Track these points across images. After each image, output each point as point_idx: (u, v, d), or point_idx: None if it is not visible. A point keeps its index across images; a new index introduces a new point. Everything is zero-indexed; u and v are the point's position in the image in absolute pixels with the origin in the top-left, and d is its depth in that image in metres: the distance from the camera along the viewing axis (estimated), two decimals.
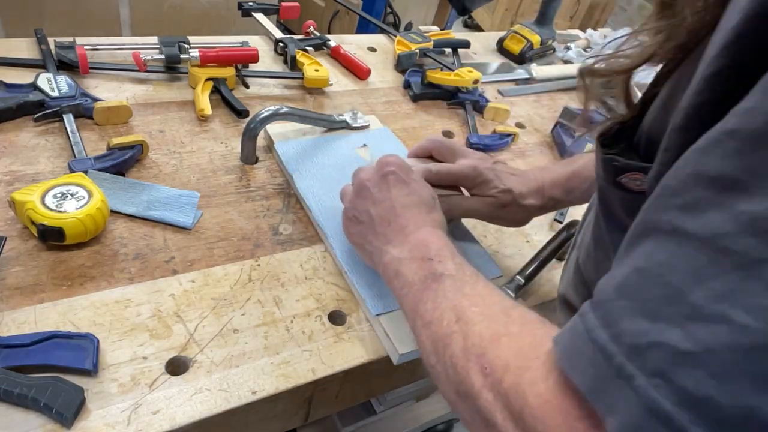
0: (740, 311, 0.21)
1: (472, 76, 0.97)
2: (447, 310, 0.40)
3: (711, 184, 0.23)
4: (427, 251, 0.47)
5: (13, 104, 0.68)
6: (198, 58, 0.82)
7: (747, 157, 0.22)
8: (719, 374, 0.21)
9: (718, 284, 0.22)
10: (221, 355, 0.51)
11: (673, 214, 0.25)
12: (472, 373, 0.35)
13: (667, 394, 0.22)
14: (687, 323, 0.22)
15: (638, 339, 0.24)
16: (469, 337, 0.37)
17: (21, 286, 0.52)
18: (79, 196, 0.56)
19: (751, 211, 0.21)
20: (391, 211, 0.52)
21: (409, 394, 0.85)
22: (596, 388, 0.26)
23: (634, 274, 0.26)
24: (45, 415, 0.44)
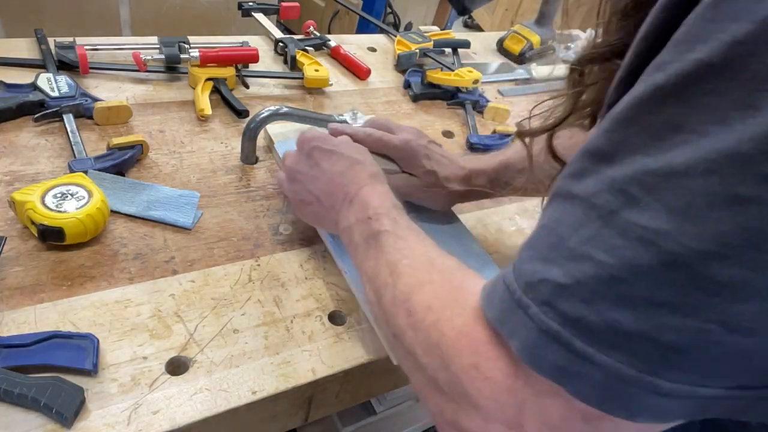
0: (600, 251, 0.27)
1: (472, 76, 0.97)
2: (383, 265, 0.45)
3: (590, 156, 0.29)
4: (366, 210, 0.50)
5: (13, 104, 0.68)
6: (198, 58, 0.81)
7: (613, 135, 0.28)
8: (588, 299, 0.27)
9: (586, 231, 0.28)
10: (221, 355, 0.51)
11: (566, 181, 0.30)
12: (399, 316, 0.40)
13: (553, 318, 0.28)
14: (565, 262, 0.28)
15: (532, 277, 0.30)
16: (398, 286, 0.42)
17: (21, 286, 0.52)
18: (79, 196, 0.56)
19: (612, 175, 0.27)
20: (329, 183, 0.55)
21: (409, 394, 0.85)
22: (502, 317, 0.31)
23: (538, 230, 0.32)
24: (45, 415, 0.44)
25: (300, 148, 0.58)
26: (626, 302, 0.26)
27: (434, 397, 0.36)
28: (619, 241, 0.26)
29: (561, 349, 0.27)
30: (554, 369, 0.28)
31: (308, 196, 0.57)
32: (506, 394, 0.31)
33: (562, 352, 0.27)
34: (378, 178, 0.55)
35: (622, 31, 0.35)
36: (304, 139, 0.58)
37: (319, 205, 0.56)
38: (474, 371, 0.33)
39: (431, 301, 0.39)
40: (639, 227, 0.25)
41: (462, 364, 0.33)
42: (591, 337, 0.27)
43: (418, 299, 0.40)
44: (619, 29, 0.36)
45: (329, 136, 0.59)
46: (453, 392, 0.34)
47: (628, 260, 0.25)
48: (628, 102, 0.27)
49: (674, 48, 0.26)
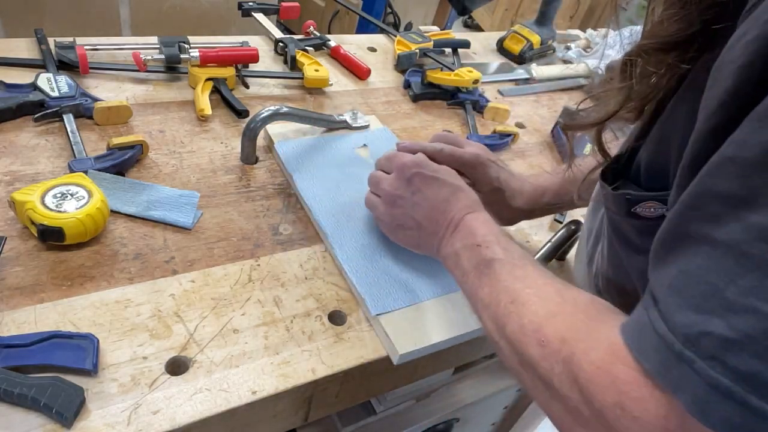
0: (765, 303, 0.26)
1: (472, 76, 0.98)
2: (501, 292, 0.45)
3: (723, 200, 0.29)
4: (475, 238, 0.50)
5: (13, 104, 0.68)
6: (198, 58, 0.81)
7: (747, 180, 0.28)
8: (759, 354, 0.26)
9: (745, 282, 0.27)
10: (221, 355, 0.51)
11: (699, 224, 0.30)
12: (530, 347, 0.39)
13: (724, 373, 0.27)
14: (726, 314, 0.28)
15: (690, 329, 0.29)
16: (525, 315, 0.41)
17: (21, 286, 0.52)
18: (79, 196, 0.56)
19: (760, 222, 0.27)
20: (433, 210, 0.55)
21: (409, 394, 0.85)
22: (662, 370, 0.31)
23: (680, 275, 0.31)
24: (45, 415, 0.44)
25: (399, 173, 0.58)
26: None
27: (575, 428, 0.36)
28: None
29: (735, 405, 0.27)
30: (728, 426, 0.28)
31: (409, 221, 0.57)
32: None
33: (737, 408, 0.27)
34: (480, 205, 0.55)
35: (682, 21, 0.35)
36: (404, 164, 0.57)
37: (419, 231, 0.56)
38: (619, 410, 0.32)
39: (565, 333, 0.38)
40: None
41: (605, 402, 0.33)
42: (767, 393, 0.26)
43: (551, 330, 0.39)
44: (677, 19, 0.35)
45: (428, 161, 0.58)
46: (598, 425, 0.34)
47: None
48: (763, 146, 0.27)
49: None
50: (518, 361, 0.41)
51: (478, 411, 0.98)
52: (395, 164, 0.58)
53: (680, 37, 0.35)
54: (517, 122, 1.02)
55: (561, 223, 0.78)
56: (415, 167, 0.57)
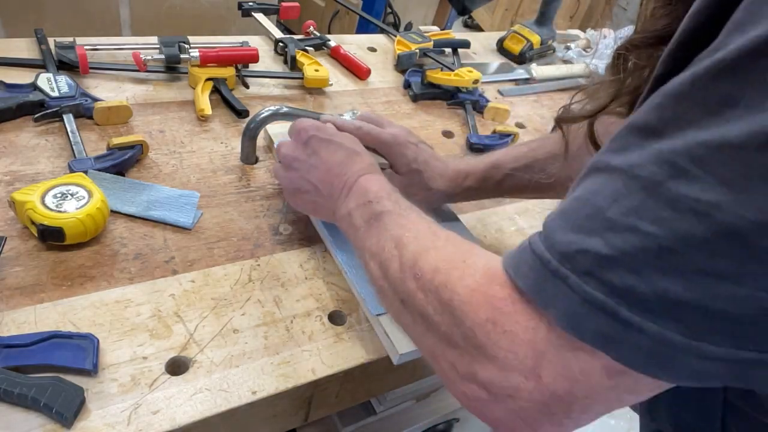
0: (646, 222, 0.27)
1: (472, 76, 0.97)
2: (387, 240, 0.46)
3: (636, 131, 0.29)
4: (367, 195, 0.51)
5: (13, 104, 0.68)
6: (198, 58, 0.81)
7: (665, 110, 0.28)
8: (636, 270, 0.27)
9: (628, 202, 0.28)
10: (221, 355, 0.51)
11: (608, 155, 0.31)
12: (407, 281, 0.41)
13: (599, 288, 0.28)
14: (605, 233, 0.28)
15: (568, 247, 0.30)
16: (404, 255, 0.43)
17: (21, 286, 0.52)
18: (79, 196, 0.56)
19: (659, 147, 0.27)
20: (328, 172, 0.55)
21: (409, 394, 0.85)
22: (535, 286, 0.32)
23: (571, 201, 0.32)
24: (45, 415, 0.44)
25: (297, 137, 0.59)
26: (677, 272, 0.26)
27: (447, 353, 0.37)
28: (667, 212, 0.26)
29: (607, 317, 0.28)
30: (599, 336, 0.29)
31: (305, 184, 0.57)
32: (525, 347, 0.32)
33: (609, 320, 0.28)
34: (375, 167, 0.56)
35: (669, 16, 0.35)
36: (300, 127, 0.58)
37: (316, 194, 0.56)
38: (490, 325, 0.34)
39: (438, 264, 0.40)
40: (690, 199, 0.26)
41: (477, 319, 0.34)
42: (639, 306, 0.27)
43: (425, 262, 0.41)
44: (665, 14, 0.36)
45: (324, 125, 0.59)
46: (468, 346, 0.35)
47: (679, 231, 0.26)
48: (683, 78, 0.27)
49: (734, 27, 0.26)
50: (399, 300, 0.43)
51: None
52: (294, 128, 0.59)
53: (669, 32, 0.35)
54: (517, 122, 1.02)
55: None
56: (312, 130, 0.57)
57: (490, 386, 0.34)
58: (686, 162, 0.26)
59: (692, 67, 0.27)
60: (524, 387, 0.32)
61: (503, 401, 0.34)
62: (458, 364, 0.36)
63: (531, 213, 0.81)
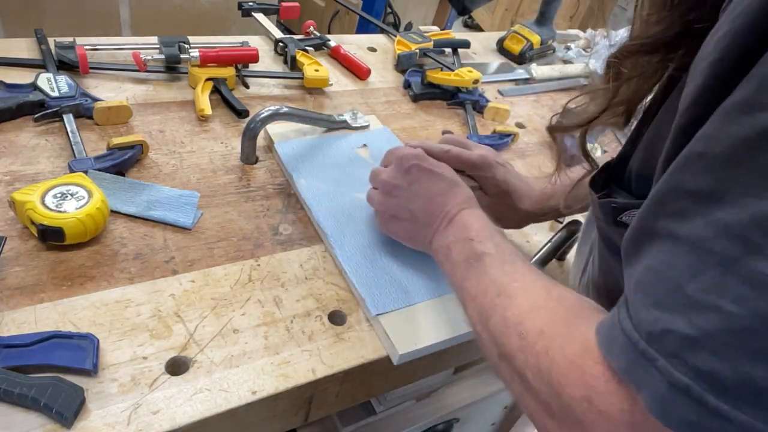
0: (727, 301, 0.26)
1: (472, 76, 0.98)
2: (489, 285, 0.45)
3: (691, 196, 0.29)
4: (468, 232, 0.51)
5: (13, 104, 0.68)
6: (198, 58, 0.82)
7: (715, 175, 0.27)
8: (720, 353, 0.26)
9: (706, 279, 0.27)
10: (221, 355, 0.51)
11: (665, 220, 0.30)
12: (510, 338, 0.40)
13: (684, 371, 0.27)
14: (687, 312, 0.27)
15: (653, 327, 0.29)
16: (509, 308, 0.42)
17: (21, 286, 0.52)
18: (79, 196, 0.56)
19: (724, 219, 0.27)
20: (428, 202, 0.55)
21: (409, 394, 0.85)
22: (628, 368, 0.31)
23: (644, 272, 0.31)
24: (45, 415, 0.44)
25: (398, 164, 0.58)
26: (760, 355, 0.25)
27: (545, 420, 0.37)
28: (746, 290, 0.25)
29: (693, 404, 0.27)
30: (686, 425, 0.28)
31: (403, 212, 0.57)
32: (622, 429, 0.31)
33: (694, 407, 0.27)
34: (475, 202, 0.55)
35: (664, 22, 0.35)
36: (402, 155, 0.58)
37: (413, 222, 0.56)
38: (586, 404, 0.33)
39: (544, 327, 0.38)
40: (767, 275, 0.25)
41: (574, 396, 0.34)
42: (724, 393, 0.26)
43: (531, 323, 0.39)
44: (660, 21, 0.35)
45: (425, 154, 0.58)
46: (565, 419, 0.35)
47: (759, 311, 0.25)
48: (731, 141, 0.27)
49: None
50: (498, 354, 0.42)
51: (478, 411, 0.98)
52: (395, 155, 0.59)
53: (662, 39, 0.35)
54: (517, 122, 1.02)
55: (561, 223, 0.78)
56: (414, 159, 0.57)
57: None
58: (758, 236, 0.25)
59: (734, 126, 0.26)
60: None
61: None
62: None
63: None
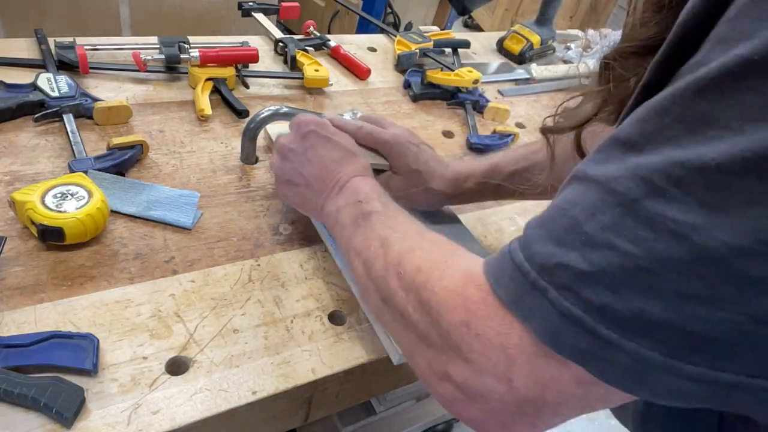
0: (623, 240, 0.27)
1: (472, 76, 0.97)
2: (374, 239, 0.47)
3: (617, 143, 0.29)
4: (357, 195, 0.52)
5: (13, 104, 0.68)
6: (198, 58, 0.81)
7: (645, 125, 0.28)
8: (613, 288, 0.27)
9: (605, 218, 0.28)
10: (221, 355, 0.51)
11: (588, 165, 0.31)
12: (390, 279, 0.42)
13: (576, 303, 0.28)
14: (583, 248, 0.28)
15: (547, 260, 0.30)
16: (389, 254, 0.44)
17: (21, 286, 0.52)
18: (79, 196, 0.56)
19: (637, 162, 0.27)
20: (322, 168, 0.56)
21: (409, 394, 0.85)
22: (515, 297, 0.32)
23: (550, 210, 0.32)
24: (45, 415, 0.44)
25: (297, 130, 0.58)
26: (654, 292, 0.26)
27: (424, 351, 0.38)
28: (645, 232, 0.26)
29: (585, 333, 0.28)
30: (577, 352, 0.29)
31: (297, 177, 0.57)
32: (498, 351, 0.32)
33: (587, 336, 0.28)
34: (369, 171, 0.56)
35: (659, 25, 0.35)
36: (301, 121, 0.59)
37: (306, 188, 0.57)
38: (465, 328, 0.34)
39: (421, 264, 0.40)
40: (667, 219, 0.26)
41: (453, 321, 0.35)
42: (616, 324, 0.27)
43: (408, 262, 0.41)
44: (655, 23, 0.35)
45: (326, 122, 0.59)
46: (444, 346, 0.36)
47: (657, 252, 0.26)
48: (665, 93, 0.27)
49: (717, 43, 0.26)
50: (381, 298, 0.43)
51: None
52: (295, 121, 0.59)
53: (656, 42, 0.35)
54: (517, 122, 1.02)
55: None
56: (312, 125, 0.58)
57: (464, 387, 0.34)
58: (664, 181, 0.26)
59: (675, 82, 0.27)
60: (496, 389, 0.33)
61: (477, 402, 0.34)
62: (434, 364, 0.37)
63: (531, 213, 0.81)
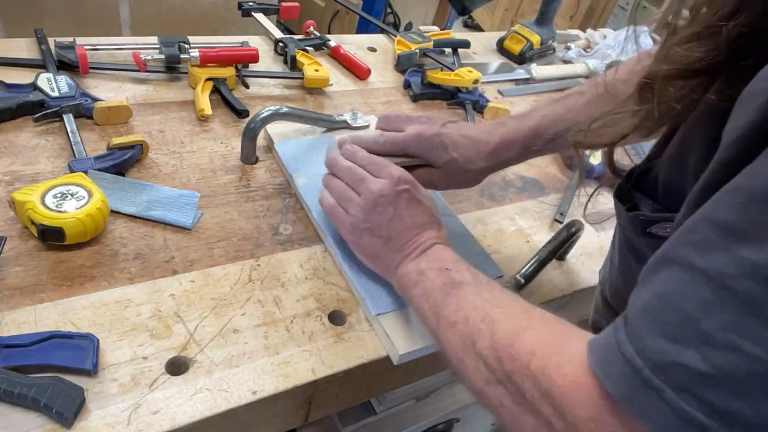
0: (748, 342, 0.26)
1: (472, 76, 0.97)
2: (471, 311, 0.45)
3: (719, 229, 0.28)
4: (444, 263, 0.51)
5: (13, 104, 0.68)
6: (198, 58, 0.81)
7: (749, 212, 0.27)
8: (741, 393, 0.26)
9: (724, 316, 0.27)
10: (221, 355, 0.51)
11: (686, 249, 0.30)
12: (502, 362, 0.40)
13: (698, 407, 0.27)
14: (702, 347, 0.27)
15: (661, 357, 0.29)
16: (496, 332, 0.42)
17: (21, 286, 0.52)
18: (79, 196, 0.56)
19: (751, 258, 0.26)
20: (409, 229, 0.55)
21: (409, 394, 0.85)
22: (628, 395, 0.30)
23: (654, 299, 0.31)
24: (45, 415, 0.44)
25: (392, 183, 0.56)
26: None
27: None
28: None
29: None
30: None
31: (381, 230, 0.56)
32: None
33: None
34: (449, 242, 0.56)
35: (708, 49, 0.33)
36: (400, 177, 0.57)
37: (384, 244, 0.56)
38: (593, 424, 0.33)
39: (535, 347, 0.38)
40: None
41: (580, 416, 0.33)
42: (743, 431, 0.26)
43: (521, 344, 0.39)
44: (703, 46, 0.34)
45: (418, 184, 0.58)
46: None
47: None
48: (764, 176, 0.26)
49: None
50: (484, 379, 0.41)
51: (478, 411, 0.98)
52: (387, 172, 0.57)
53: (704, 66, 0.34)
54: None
55: (561, 223, 0.78)
56: (408, 184, 0.56)
57: None
58: None
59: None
60: None
61: None
62: None
63: (530, 213, 0.81)
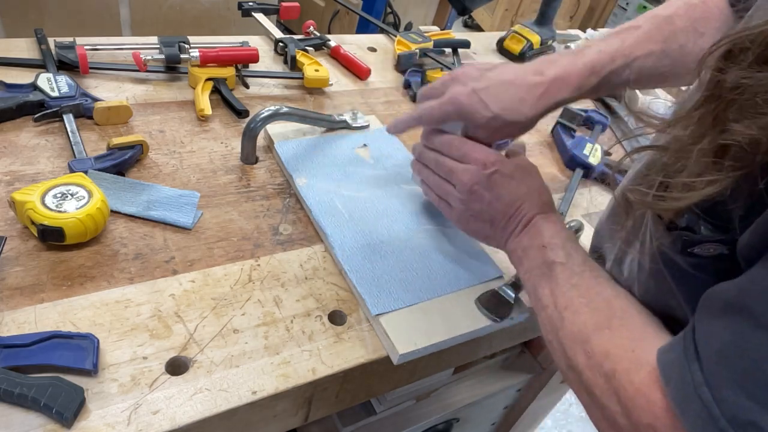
0: None
1: None
2: (559, 296, 0.48)
3: None
4: (541, 238, 0.54)
5: (13, 104, 0.68)
6: (198, 58, 0.81)
7: None
8: None
9: None
10: (221, 355, 0.51)
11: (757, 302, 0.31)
12: (578, 354, 0.43)
13: None
14: None
15: (739, 413, 0.30)
16: (576, 324, 0.45)
17: (21, 286, 0.52)
18: (79, 196, 0.56)
19: None
20: (507, 206, 0.57)
21: (409, 394, 0.85)
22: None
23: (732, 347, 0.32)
24: (45, 415, 0.44)
25: (480, 168, 0.58)
26: None
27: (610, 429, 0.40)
28: None
29: None
30: None
31: (484, 215, 0.59)
32: None
33: None
34: (551, 206, 0.58)
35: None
36: (486, 160, 0.58)
37: (490, 226, 0.59)
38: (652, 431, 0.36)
39: (610, 349, 0.41)
40: None
41: (640, 420, 0.37)
42: None
43: (597, 343, 0.43)
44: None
45: (505, 159, 0.59)
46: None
47: None
48: None
49: None
50: (566, 365, 0.45)
51: (478, 411, 0.98)
52: (472, 158, 0.58)
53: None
54: None
55: None
56: (495, 165, 0.58)
57: None
58: None
59: None
60: None
61: None
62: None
63: None
